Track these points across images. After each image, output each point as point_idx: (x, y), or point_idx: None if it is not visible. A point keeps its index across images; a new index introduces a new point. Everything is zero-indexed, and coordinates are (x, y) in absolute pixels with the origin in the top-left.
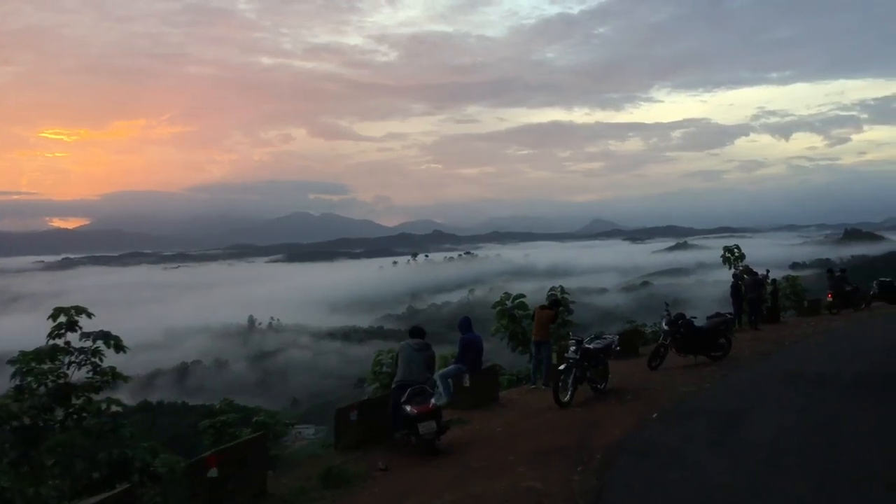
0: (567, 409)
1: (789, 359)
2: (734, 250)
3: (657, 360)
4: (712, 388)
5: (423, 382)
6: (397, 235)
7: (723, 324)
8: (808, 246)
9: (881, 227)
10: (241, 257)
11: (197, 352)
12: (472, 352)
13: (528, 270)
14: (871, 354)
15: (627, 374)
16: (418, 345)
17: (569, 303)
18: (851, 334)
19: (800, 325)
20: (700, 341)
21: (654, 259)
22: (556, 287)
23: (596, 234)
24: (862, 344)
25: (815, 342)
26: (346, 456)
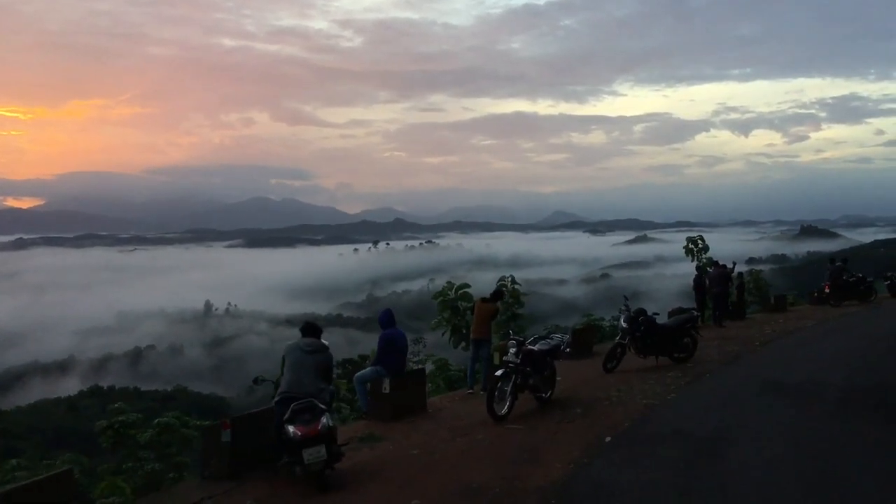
0: (503, 424)
1: (763, 363)
2: (697, 241)
3: (613, 361)
4: (678, 401)
5: (313, 395)
6: (359, 223)
7: (688, 321)
8: (765, 241)
9: (837, 224)
10: (200, 241)
11: (151, 337)
12: (393, 351)
13: (490, 260)
14: (857, 358)
15: (579, 379)
16: (310, 345)
17: (520, 295)
18: (829, 332)
19: (767, 322)
20: (662, 341)
21: (615, 251)
22: (507, 277)
23: (557, 226)
24: (843, 344)
25: (789, 342)
26: (213, 488)
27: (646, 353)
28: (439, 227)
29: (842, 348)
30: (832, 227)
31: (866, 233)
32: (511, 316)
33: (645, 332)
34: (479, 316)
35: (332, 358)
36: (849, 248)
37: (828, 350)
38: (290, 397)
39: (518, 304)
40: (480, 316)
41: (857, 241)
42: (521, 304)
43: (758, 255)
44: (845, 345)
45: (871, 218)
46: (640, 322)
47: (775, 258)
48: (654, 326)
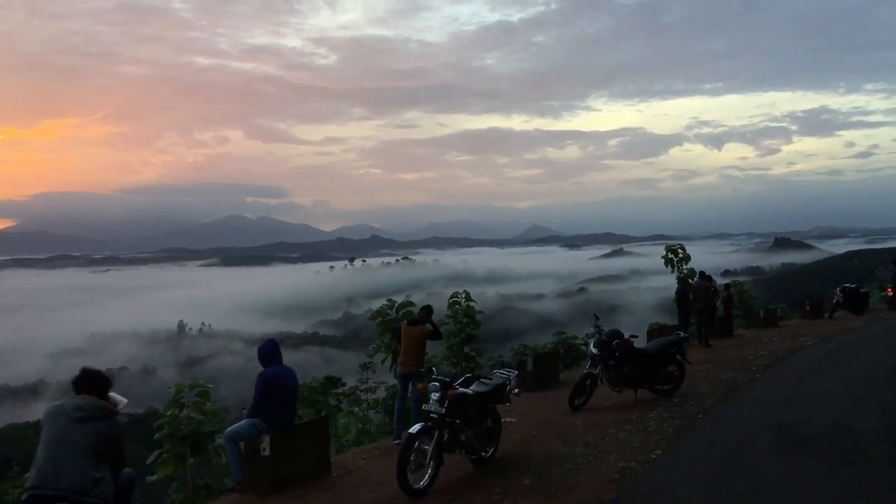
0: (421, 502)
1: (769, 398)
2: (678, 251)
3: (582, 396)
4: (665, 463)
5: (80, 491)
6: (335, 240)
7: (673, 345)
8: (740, 254)
9: (809, 236)
10: (174, 261)
11: (123, 358)
12: (277, 397)
13: (467, 276)
14: (885, 389)
15: (539, 419)
16: (82, 409)
17: (475, 313)
18: (835, 353)
19: (759, 339)
20: (642, 370)
21: (591, 265)
22: (461, 293)
23: (534, 241)
24: (859, 369)
25: (792, 367)
26: None
27: (622, 386)
28: (416, 244)
29: (860, 375)
30: (805, 239)
31: (839, 244)
32: (466, 338)
33: (621, 360)
34: (408, 343)
35: (119, 427)
36: (823, 259)
37: (844, 377)
38: (40, 495)
39: (473, 323)
40: (409, 343)
41: (830, 252)
42: (477, 323)
43: (733, 267)
44: (863, 370)
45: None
46: (614, 347)
47: (750, 270)
48: (632, 352)
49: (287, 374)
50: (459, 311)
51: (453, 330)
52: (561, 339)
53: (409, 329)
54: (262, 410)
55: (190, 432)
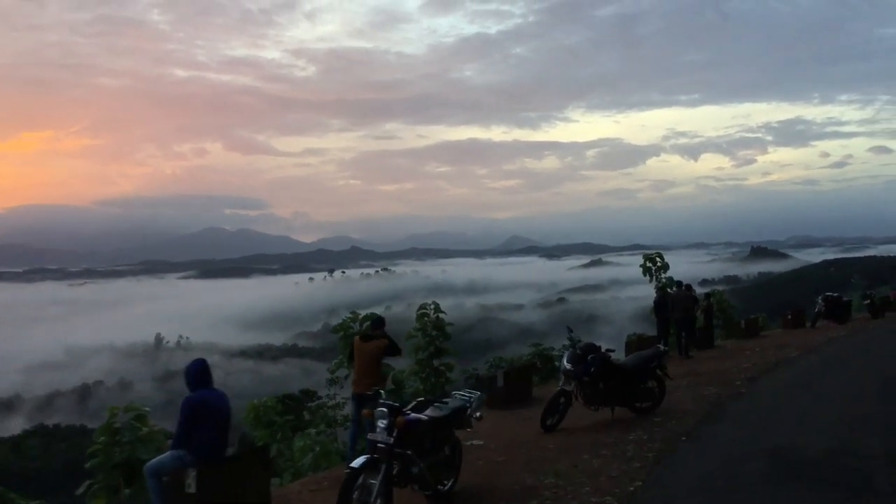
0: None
1: (758, 416)
2: (655, 259)
3: (554, 415)
4: (645, 497)
5: None
6: (315, 251)
7: (653, 359)
8: (717, 263)
9: (786, 245)
10: (152, 273)
11: (100, 372)
12: (205, 425)
13: (446, 287)
14: (882, 407)
15: (507, 442)
16: None
17: (445, 325)
18: (823, 366)
19: (741, 351)
20: (620, 387)
21: (570, 275)
22: (430, 304)
23: (513, 251)
24: (851, 384)
25: (779, 381)
26: None
27: (598, 404)
28: (396, 255)
29: (852, 390)
30: (781, 248)
31: (814, 253)
32: (435, 351)
33: (596, 376)
34: (361, 360)
35: None
36: (799, 267)
37: (836, 393)
38: None
39: (443, 336)
40: (362, 359)
41: (806, 261)
42: (447, 336)
43: (710, 276)
44: (855, 385)
45: (819, 238)
46: (589, 362)
47: (727, 279)
48: (609, 367)
49: (217, 399)
50: (428, 324)
51: (422, 343)
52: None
53: (363, 344)
54: (187, 441)
55: (123, 460)
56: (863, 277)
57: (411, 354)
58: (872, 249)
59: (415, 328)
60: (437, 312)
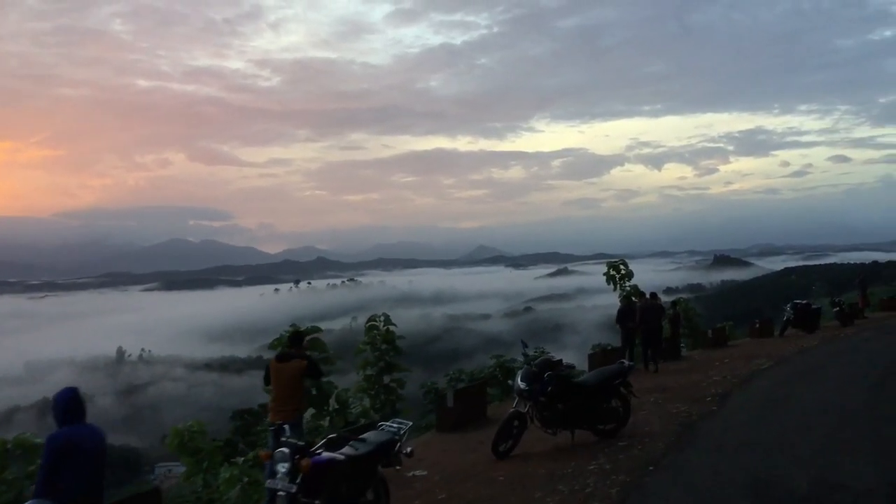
0: None
1: (733, 438)
2: (620, 267)
3: (508, 440)
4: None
5: None
6: (280, 262)
7: (616, 376)
8: (681, 271)
9: (748, 254)
10: (114, 286)
11: (60, 386)
12: (72, 467)
13: (413, 297)
14: (868, 427)
15: (450, 475)
16: None
17: (395, 338)
18: (798, 377)
19: (710, 362)
20: (580, 407)
21: (537, 285)
22: (379, 316)
23: (480, 261)
24: (831, 398)
25: (754, 396)
26: None
27: (556, 427)
28: (362, 265)
29: (835, 406)
30: (744, 257)
31: (776, 261)
32: (385, 367)
33: (554, 396)
34: (279, 384)
35: None
36: (761, 275)
37: (817, 410)
38: None
39: (394, 350)
40: (280, 384)
41: (768, 269)
42: (398, 350)
43: (674, 284)
44: (837, 400)
45: (780, 246)
46: (546, 380)
47: (691, 287)
48: (569, 386)
49: (88, 436)
50: (378, 337)
51: (371, 358)
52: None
53: (280, 366)
54: (51, 488)
55: None
56: (824, 285)
57: (359, 370)
58: (833, 257)
59: (363, 342)
60: (387, 325)
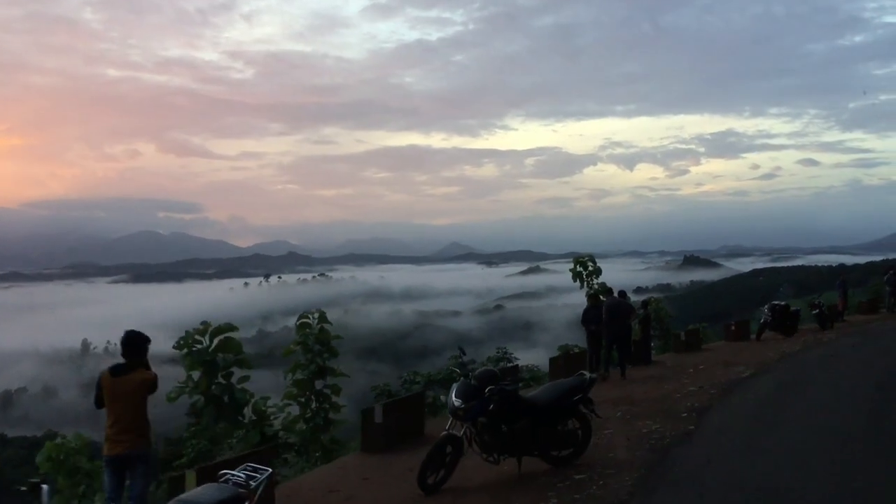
0: None
1: (716, 473)
2: (588, 263)
3: (438, 470)
4: None
5: None
6: (251, 256)
7: (576, 390)
8: (652, 271)
9: (717, 255)
10: (81, 277)
11: (23, 379)
12: None
13: (384, 293)
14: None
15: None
16: None
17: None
18: (784, 388)
19: (683, 369)
20: (530, 430)
21: (508, 282)
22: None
23: (452, 258)
24: (827, 419)
25: (737, 413)
26: None
27: (500, 453)
28: (333, 260)
29: (833, 432)
30: (713, 257)
31: (744, 262)
32: (318, 371)
33: (497, 416)
34: (116, 404)
35: None
36: (730, 276)
37: (813, 433)
38: None
39: (329, 352)
40: (117, 403)
41: (736, 270)
42: (333, 352)
43: (645, 284)
44: (838, 422)
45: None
46: (487, 396)
47: (661, 287)
48: (515, 403)
49: None
50: (310, 336)
51: (303, 361)
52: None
53: (116, 381)
54: None
55: None
56: (792, 286)
57: (287, 374)
58: (800, 259)
59: (294, 342)
60: (321, 323)
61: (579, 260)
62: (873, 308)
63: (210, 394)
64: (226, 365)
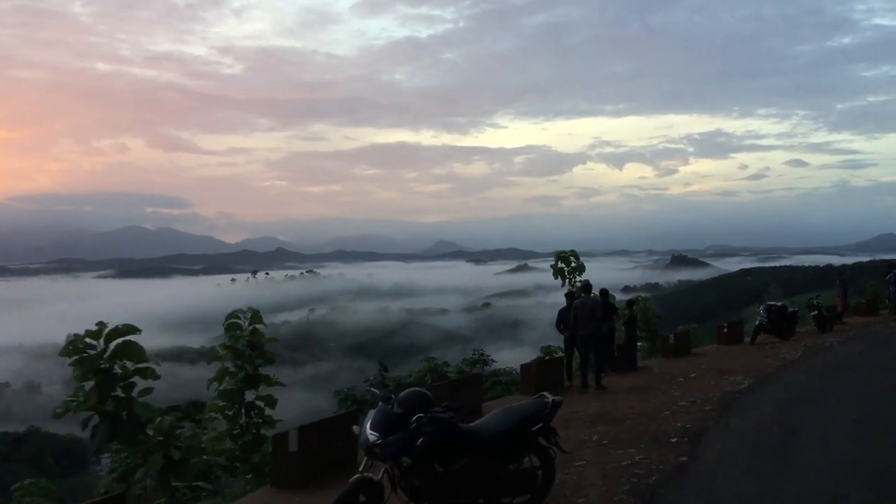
0: None
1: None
2: (570, 259)
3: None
4: None
5: None
6: (238, 252)
7: (534, 418)
8: (639, 270)
9: (705, 254)
10: (67, 272)
11: (7, 373)
12: None
13: (372, 290)
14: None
15: None
16: None
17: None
18: (789, 404)
19: (672, 376)
20: (472, 471)
21: (496, 280)
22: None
23: (440, 255)
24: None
25: (740, 435)
26: None
27: (431, 502)
28: (321, 257)
29: (860, 462)
30: (701, 257)
31: (732, 262)
32: (248, 379)
33: (429, 453)
34: None
35: None
36: (717, 276)
37: (842, 471)
38: None
39: (262, 357)
40: None
41: (724, 269)
42: (268, 357)
43: (632, 283)
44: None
45: (737, 248)
46: (415, 429)
47: (649, 286)
48: (453, 437)
49: None
50: (240, 340)
51: (231, 368)
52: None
53: None
54: None
55: None
56: (779, 286)
57: (210, 385)
58: (787, 259)
59: (221, 345)
60: (253, 324)
61: (561, 255)
62: (872, 309)
63: (103, 410)
64: (125, 375)
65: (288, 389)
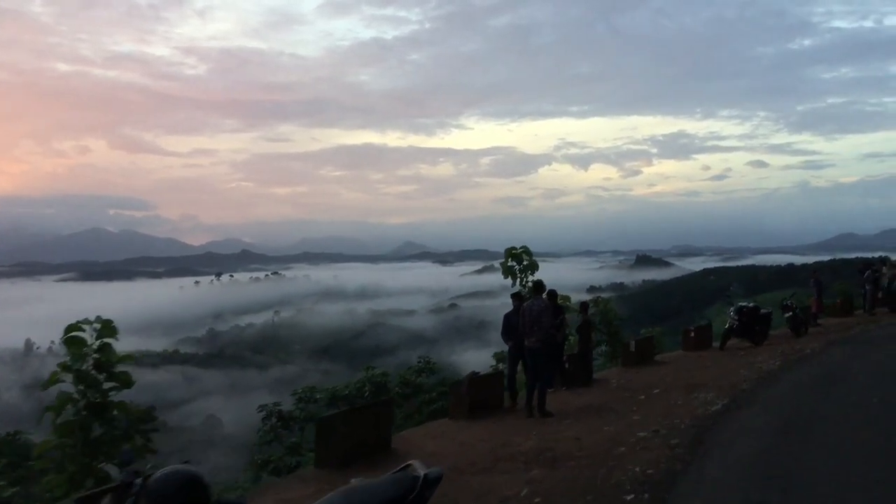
0: None
1: None
2: (522, 256)
3: None
4: None
5: None
6: (203, 255)
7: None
8: (605, 270)
9: (669, 254)
10: (28, 275)
11: None
12: None
13: (338, 292)
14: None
15: None
16: None
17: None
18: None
19: (632, 393)
20: None
21: (463, 281)
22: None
23: (407, 257)
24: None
25: (726, 477)
26: None
27: None
28: (287, 259)
29: None
30: (665, 257)
31: (695, 262)
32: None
33: None
34: None
35: None
36: (681, 275)
37: None
38: None
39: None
40: None
41: (687, 269)
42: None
43: (598, 283)
44: None
45: (700, 248)
46: None
47: (614, 286)
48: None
49: None
50: (86, 359)
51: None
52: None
53: None
54: None
55: None
56: (741, 286)
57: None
58: (750, 259)
59: (61, 365)
60: (101, 338)
61: (513, 252)
62: (847, 309)
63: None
64: None
65: (252, 392)
